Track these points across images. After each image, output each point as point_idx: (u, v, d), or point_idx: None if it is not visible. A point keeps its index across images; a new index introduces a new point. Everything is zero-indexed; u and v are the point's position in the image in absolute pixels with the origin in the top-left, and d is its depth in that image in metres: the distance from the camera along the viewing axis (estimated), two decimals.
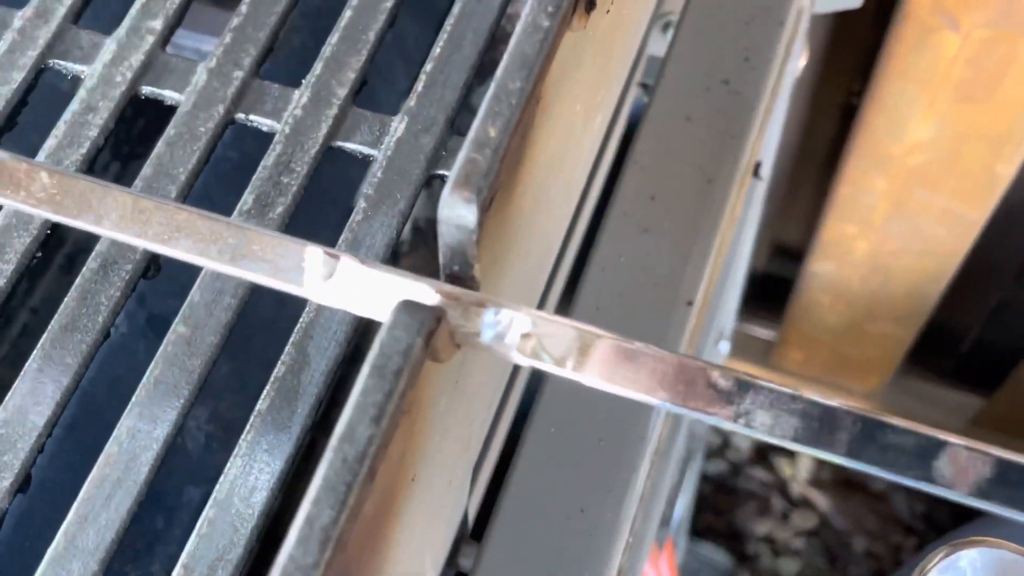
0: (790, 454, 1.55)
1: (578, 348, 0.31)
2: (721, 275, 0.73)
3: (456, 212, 0.29)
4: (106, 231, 0.35)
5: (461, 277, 0.31)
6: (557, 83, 0.35)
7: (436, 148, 0.46)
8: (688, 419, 0.87)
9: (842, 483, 1.54)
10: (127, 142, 0.50)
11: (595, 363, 0.31)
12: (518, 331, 0.31)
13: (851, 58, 1.17)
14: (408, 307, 0.29)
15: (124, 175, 0.53)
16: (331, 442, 0.26)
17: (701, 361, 0.32)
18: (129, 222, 0.34)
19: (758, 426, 0.32)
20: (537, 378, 0.52)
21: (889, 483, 1.51)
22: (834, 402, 0.31)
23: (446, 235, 0.30)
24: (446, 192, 0.30)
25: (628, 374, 0.31)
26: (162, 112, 0.46)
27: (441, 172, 0.45)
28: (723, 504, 1.53)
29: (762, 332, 1.49)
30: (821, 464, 1.54)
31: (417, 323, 0.28)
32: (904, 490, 1.50)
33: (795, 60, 0.83)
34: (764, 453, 1.57)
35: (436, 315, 0.29)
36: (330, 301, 0.33)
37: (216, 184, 0.48)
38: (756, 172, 0.79)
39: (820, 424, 0.31)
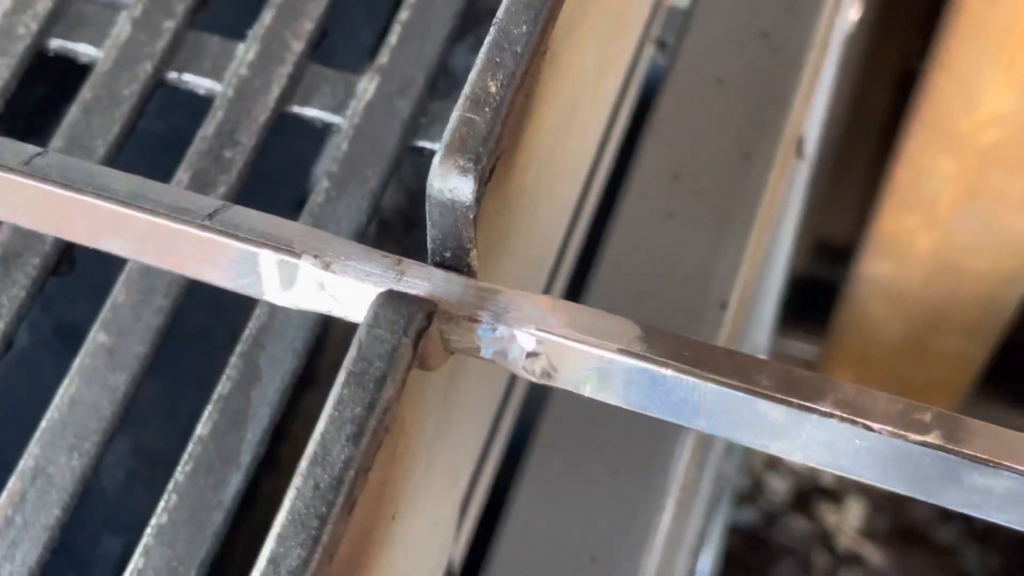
0: (835, 499, 1.56)
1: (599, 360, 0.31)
2: (760, 272, 0.74)
3: (449, 184, 0.30)
4: (15, 221, 0.35)
5: (454, 266, 0.31)
6: (565, 30, 0.35)
7: (414, 114, 0.46)
8: (716, 455, 0.87)
9: (900, 534, 1.54)
10: (29, 108, 0.50)
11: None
12: (523, 349, 0.31)
13: (912, 11, 1.18)
14: (392, 299, 0.29)
15: None
16: (300, 465, 0.26)
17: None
18: (47, 211, 0.34)
19: (817, 457, 0.32)
20: (538, 391, 0.52)
21: (958, 534, 1.51)
22: (914, 435, 0.32)
23: (437, 213, 0.30)
24: (437, 161, 0.30)
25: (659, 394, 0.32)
26: (75, 71, 0.46)
27: (421, 143, 0.46)
28: (755, 561, 1.53)
29: (802, 349, 1.49)
30: (875, 511, 1.54)
31: (404, 319, 0.28)
32: (976, 542, 1.51)
33: (846, 11, 0.84)
34: (805, 499, 1.57)
35: (427, 310, 0.29)
36: (290, 301, 0.33)
37: (143, 159, 0.48)
38: (799, 151, 0.79)
39: (893, 458, 0.32)
